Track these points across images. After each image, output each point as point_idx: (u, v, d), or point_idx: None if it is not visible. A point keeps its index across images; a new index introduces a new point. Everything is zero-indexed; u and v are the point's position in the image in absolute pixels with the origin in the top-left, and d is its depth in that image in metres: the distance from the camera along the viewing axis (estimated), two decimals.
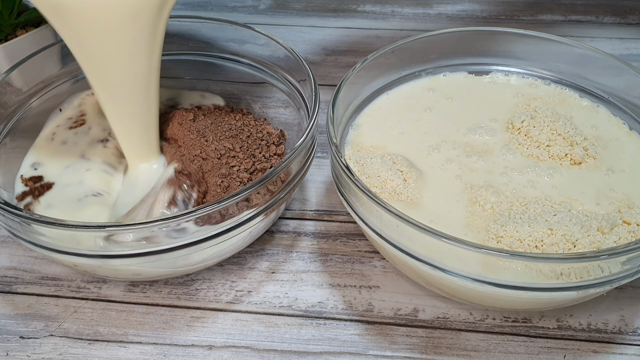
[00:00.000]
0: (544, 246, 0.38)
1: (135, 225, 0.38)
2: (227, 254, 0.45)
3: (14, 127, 0.51)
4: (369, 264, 0.48)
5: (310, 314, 0.44)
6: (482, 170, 0.45)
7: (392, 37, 0.76)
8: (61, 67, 0.56)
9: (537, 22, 0.79)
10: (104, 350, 0.42)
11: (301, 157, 0.44)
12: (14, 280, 0.47)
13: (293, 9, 0.82)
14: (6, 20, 0.61)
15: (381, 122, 0.50)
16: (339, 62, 0.71)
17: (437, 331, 0.43)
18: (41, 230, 0.39)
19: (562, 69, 0.53)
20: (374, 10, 0.82)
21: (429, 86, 0.54)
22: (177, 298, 0.45)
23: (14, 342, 0.43)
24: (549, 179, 0.44)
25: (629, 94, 0.50)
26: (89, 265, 0.41)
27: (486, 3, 0.83)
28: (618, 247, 0.37)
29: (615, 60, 0.50)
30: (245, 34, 0.56)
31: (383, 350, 0.42)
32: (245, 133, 0.50)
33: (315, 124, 0.45)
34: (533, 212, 0.41)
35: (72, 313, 0.45)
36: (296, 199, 0.53)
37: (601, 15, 0.80)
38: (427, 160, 0.47)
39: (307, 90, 0.49)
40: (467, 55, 0.55)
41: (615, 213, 0.42)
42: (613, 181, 0.44)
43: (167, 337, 0.43)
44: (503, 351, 0.42)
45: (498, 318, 0.44)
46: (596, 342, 0.42)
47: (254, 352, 0.42)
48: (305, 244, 0.49)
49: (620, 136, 0.49)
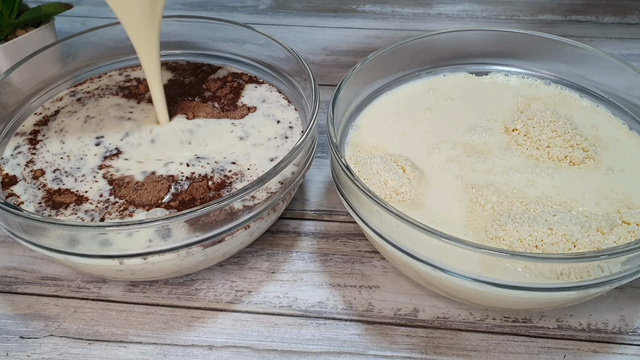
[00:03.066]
0: (544, 246, 0.38)
1: (135, 225, 0.38)
2: (227, 254, 0.45)
3: (13, 127, 0.51)
4: (369, 264, 0.48)
5: (310, 314, 0.44)
6: (483, 170, 0.45)
7: (392, 37, 0.76)
8: (61, 67, 0.56)
9: (537, 22, 0.79)
10: (104, 350, 0.42)
11: (301, 157, 0.44)
12: (14, 280, 0.47)
13: (293, 9, 0.82)
14: (6, 20, 0.61)
15: (381, 123, 0.50)
16: (339, 62, 0.71)
17: (437, 331, 0.43)
18: (41, 230, 0.39)
19: (562, 69, 0.53)
20: (374, 10, 0.82)
21: (429, 86, 0.54)
22: (177, 298, 0.45)
23: (14, 342, 0.43)
24: (549, 179, 0.44)
25: (629, 94, 0.50)
26: (92, 265, 0.42)
27: (486, 3, 0.83)
28: (618, 247, 0.37)
29: (615, 60, 0.50)
30: (245, 34, 0.56)
31: (383, 350, 0.42)
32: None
33: (315, 124, 0.45)
34: (533, 212, 0.41)
35: (72, 313, 0.45)
36: (296, 199, 0.53)
37: (601, 15, 0.80)
38: (427, 160, 0.47)
39: (307, 90, 0.49)
40: (467, 55, 0.55)
41: (615, 213, 0.42)
42: (613, 181, 0.44)
43: (167, 337, 0.43)
44: (503, 351, 0.42)
45: (498, 318, 0.44)
46: (596, 342, 0.42)
47: (254, 352, 0.42)
48: (305, 244, 0.49)
49: (620, 136, 0.49)
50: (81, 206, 0.44)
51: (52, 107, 0.54)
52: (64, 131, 0.51)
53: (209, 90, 0.55)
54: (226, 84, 0.56)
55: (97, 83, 0.57)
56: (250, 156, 0.48)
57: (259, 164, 0.47)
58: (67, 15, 0.78)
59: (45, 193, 0.45)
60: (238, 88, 0.55)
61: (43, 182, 0.46)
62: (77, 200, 0.44)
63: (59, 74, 0.56)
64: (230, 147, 0.49)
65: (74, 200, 0.44)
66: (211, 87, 0.55)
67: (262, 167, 0.47)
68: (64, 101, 0.54)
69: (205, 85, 0.56)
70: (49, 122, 0.52)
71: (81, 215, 0.43)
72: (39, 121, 0.52)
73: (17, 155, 0.49)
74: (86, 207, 0.44)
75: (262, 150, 0.48)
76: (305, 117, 0.50)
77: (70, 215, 0.43)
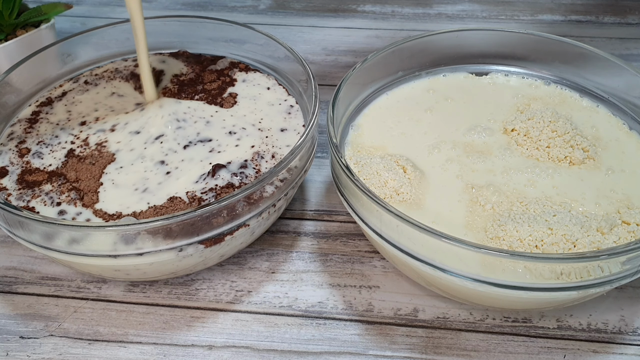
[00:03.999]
0: (544, 246, 0.38)
1: (135, 225, 0.38)
2: (227, 254, 0.45)
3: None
4: (369, 264, 0.48)
5: (310, 314, 0.44)
6: (483, 170, 0.45)
7: (392, 37, 0.76)
8: (61, 67, 0.56)
9: (537, 22, 0.79)
10: (104, 350, 0.42)
11: (301, 157, 0.44)
12: (14, 280, 0.47)
13: (293, 9, 0.82)
14: (6, 20, 0.61)
15: (381, 123, 0.50)
16: (339, 62, 0.71)
17: (437, 331, 0.43)
18: (41, 230, 0.39)
19: (562, 69, 0.53)
20: (374, 10, 0.82)
21: (429, 86, 0.54)
22: (177, 298, 0.45)
23: (14, 342, 0.43)
24: (549, 179, 0.44)
25: (629, 94, 0.50)
26: (91, 265, 0.42)
27: (486, 3, 0.83)
28: (618, 247, 0.37)
29: (615, 60, 0.50)
30: (245, 34, 0.56)
31: (383, 350, 0.42)
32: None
33: (315, 124, 0.45)
34: (533, 212, 0.41)
35: (72, 313, 0.45)
36: (296, 199, 0.53)
37: (601, 15, 0.80)
38: (427, 160, 0.47)
39: (308, 91, 0.49)
40: (467, 55, 0.55)
41: (615, 213, 0.42)
42: (613, 181, 0.44)
43: (167, 337, 0.43)
44: (503, 351, 0.42)
45: (498, 318, 0.44)
46: (596, 342, 0.42)
47: (254, 352, 0.42)
48: (305, 244, 0.49)
49: (620, 136, 0.49)
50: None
51: (55, 92, 0.55)
52: (74, 103, 0.53)
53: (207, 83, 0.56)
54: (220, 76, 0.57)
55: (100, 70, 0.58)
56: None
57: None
58: (67, 15, 0.79)
59: (20, 171, 0.46)
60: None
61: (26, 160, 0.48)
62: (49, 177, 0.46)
63: (59, 74, 0.56)
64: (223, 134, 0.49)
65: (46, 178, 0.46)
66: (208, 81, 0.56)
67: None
68: (68, 86, 0.56)
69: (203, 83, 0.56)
70: (52, 102, 0.53)
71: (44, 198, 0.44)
72: (42, 102, 0.53)
73: (7, 143, 0.49)
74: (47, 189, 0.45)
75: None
76: (305, 117, 0.50)
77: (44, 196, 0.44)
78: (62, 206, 0.43)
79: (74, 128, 0.50)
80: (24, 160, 0.47)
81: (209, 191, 0.43)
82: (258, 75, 0.56)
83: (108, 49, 0.58)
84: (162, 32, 0.59)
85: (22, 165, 0.47)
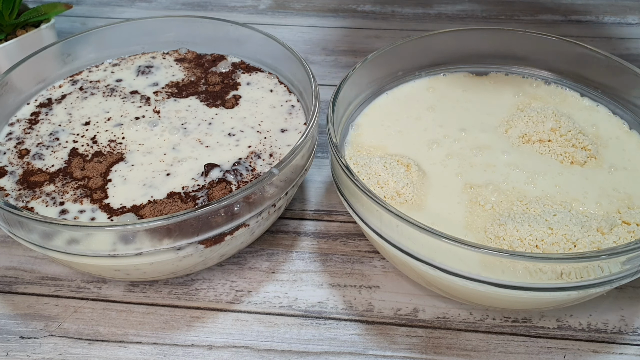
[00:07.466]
0: (544, 245, 0.38)
1: (135, 225, 0.38)
2: (227, 253, 0.45)
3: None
4: (369, 264, 0.48)
5: (310, 314, 0.44)
6: (483, 170, 0.45)
7: (392, 37, 0.76)
8: (61, 67, 0.56)
9: (537, 22, 0.79)
10: (104, 350, 0.42)
11: (301, 157, 0.44)
12: (14, 280, 0.47)
13: (293, 9, 0.82)
14: (6, 20, 0.61)
15: (381, 122, 0.50)
16: (339, 62, 0.71)
17: (437, 331, 0.43)
18: (40, 230, 0.39)
19: (562, 69, 0.53)
20: (374, 10, 0.82)
21: (428, 86, 0.54)
22: (177, 298, 0.45)
23: (14, 342, 0.43)
24: (550, 178, 0.44)
25: (629, 94, 0.50)
26: (90, 265, 0.42)
27: (486, 3, 0.83)
28: (618, 247, 0.37)
29: (615, 60, 0.50)
30: (245, 34, 0.56)
31: (383, 350, 0.42)
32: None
33: (316, 123, 0.45)
34: (533, 211, 0.41)
35: (72, 313, 0.45)
36: (296, 199, 0.53)
37: (601, 15, 0.80)
38: (427, 160, 0.47)
39: (307, 90, 0.49)
40: (467, 55, 0.55)
41: (615, 213, 0.42)
42: (616, 179, 0.44)
43: (167, 337, 0.43)
44: (503, 351, 0.42)
45: (498, 318, 0.44)
46: (596, 342, 0.42)
47: (254, 352, 0.42)
48: (305, 244, 0.49)
49: (620, 135, 0.49)
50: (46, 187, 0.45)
51: (55, 93, 0.55)
52: (72, 106, 0.53)
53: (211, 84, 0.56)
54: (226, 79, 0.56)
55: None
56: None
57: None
58: (67, 15, 0.79)
59: (22, 172, 0.46)
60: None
61: (26, 161, 0.48)
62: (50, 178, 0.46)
63: (59, 74, 0.56)
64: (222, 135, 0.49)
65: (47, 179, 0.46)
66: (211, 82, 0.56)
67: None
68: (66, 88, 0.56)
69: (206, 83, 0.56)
70: (52, 103, 0.53)
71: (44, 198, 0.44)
72: (42, 104, 0.53)
73: (6, 143, 0.49)
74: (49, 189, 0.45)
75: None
76: (306, 117, 0.50)
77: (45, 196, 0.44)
78: (65, 205, 0.43)
79: (74, 128, 0.50)
80: (24, 161, 0.47)
81: (200, 189, 0.44)
82: (261, 77, 0.56)
83: (108, 49, 0.58)
84: (162, 32, 0.59)
85: (22, 166, 0.47)
